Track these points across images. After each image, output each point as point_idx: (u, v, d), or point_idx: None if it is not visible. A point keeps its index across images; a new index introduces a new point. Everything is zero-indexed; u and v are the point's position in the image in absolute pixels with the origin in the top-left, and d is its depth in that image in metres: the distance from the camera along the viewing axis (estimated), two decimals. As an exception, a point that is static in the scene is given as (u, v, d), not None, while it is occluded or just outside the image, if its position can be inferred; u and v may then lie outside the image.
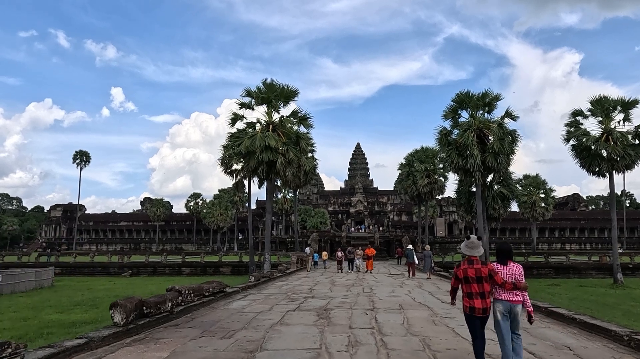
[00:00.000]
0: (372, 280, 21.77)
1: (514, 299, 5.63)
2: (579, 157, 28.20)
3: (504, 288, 5.65)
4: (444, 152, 26.49)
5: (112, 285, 27.95)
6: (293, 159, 25.20)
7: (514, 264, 5.84)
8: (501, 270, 5.78)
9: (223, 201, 78.84)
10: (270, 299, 13.25)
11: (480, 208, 26.81)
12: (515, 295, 5.65)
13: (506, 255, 5.89)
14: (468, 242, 6.03)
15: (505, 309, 5.63)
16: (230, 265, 35.48)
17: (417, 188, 45.07)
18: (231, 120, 25.76)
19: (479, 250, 5.94)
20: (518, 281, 5.67)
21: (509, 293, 5.64)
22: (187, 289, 9.49)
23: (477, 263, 5.77)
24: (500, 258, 5.91)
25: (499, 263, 5.86)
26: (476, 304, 5.65)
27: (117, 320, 7.26)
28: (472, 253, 5.90)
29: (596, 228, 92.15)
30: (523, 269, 5.91)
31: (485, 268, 5.70)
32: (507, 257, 5.88)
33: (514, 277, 5.71)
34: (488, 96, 25.89)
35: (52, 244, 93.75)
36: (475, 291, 5.66)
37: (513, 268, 5.79)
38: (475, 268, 5.71)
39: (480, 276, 5.67)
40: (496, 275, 5.67)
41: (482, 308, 5.64)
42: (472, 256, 5.87)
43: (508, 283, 5.64)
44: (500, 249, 6.01)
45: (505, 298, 5.64)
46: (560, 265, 33.97)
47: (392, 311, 10.90)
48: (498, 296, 5.70)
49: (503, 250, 5.94)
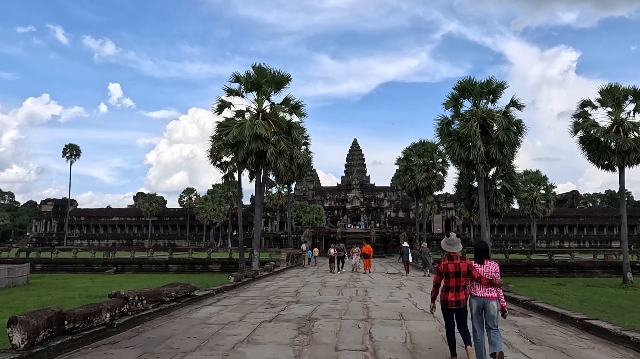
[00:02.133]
0: (368, 280, 19.77)
1: (489, 296, 5.89)
2: (587, 150, 26.78)
3: (480, 283, 5.92)
4: (445, 143, 24.89)
5: (91, 283, 26.37)
6: (285, 149, 23.57)
7: (490, 262, 6.10)
8: (478, 268, 6.02)
9: (216, 197, 77.11)
10: (246, 305, 11.23)
11: (483, 203, 25.30)
12: (490, 291, 5.91)
13: (483, 253, 6.14)
14: (448, 239, 6.33)
15: (479, 306, 5.92)
16: (220, 262, 33.90)
17: (415, 183, 43.49)
18: (218, 107, 24.03)
19: (458, 247, 6.22)
20: (494, 278, 5.93)
21: (484, 289, 5.91)
22: (137, 294, 7.67)
23: (456, 259, 6.06)
24: (477, 257, 6.14)
25: (477, 262, 6.10)
26: (449, 297, 5.98)
27: (17, 342, 5.35)
28: (452, 250, 6.18)
29: (595, 225, 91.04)
30: (499, 267, 6.16)
31: (464, 264, 6.00)
32: (484, 256, 6.12)
33: (490, 274, 5.96)
34: (492, 84, 24.33)
35: (42, 239, 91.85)
36: (453, 285, 5.97)
37: (489, 266, 6.04)
38: (455, 264, 6.00)
39: (459, 270, 5.96)
40: (473, 269, 5.97)
41: (455, 301, 5.95)
42: (451, 253, 6.15)
43: (484, 278, 5.91)
44: (478, 248, 6.28)
45: (480, 294, 5.91)
46: (564, 264, 32.57)
47: (391, 323, 8.95)
48: (473, 293, 5.98)
49: (480, 249, 6.22)
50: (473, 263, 6.10)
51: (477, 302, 5.93)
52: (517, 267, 32.41)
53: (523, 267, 32.43)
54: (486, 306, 5.87)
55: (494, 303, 5.87)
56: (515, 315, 9.78)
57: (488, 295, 5.88)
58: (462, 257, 6.23)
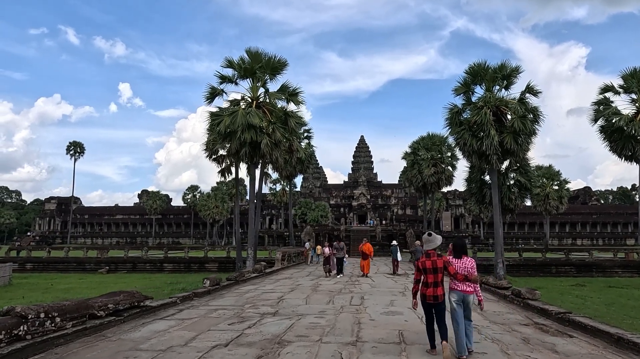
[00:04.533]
0: (367, 283, 17.29)
1: (467, 290, 6.23)
2: (609, 140, 24.90)
3: (457, 279, 6.22)
4: (455, 133, 22.98)
5: (78, 284, 24.87)
6: (280, 140, 21.84)
7: (467, 258, 6.47)
8: (456, 263, 6.35)
9: (219, 194, 75.62)
10: (209, 318, 8.97)
11: (497, 197, 23.42)
12: (468, 286, 6.24)
13: (460, 249, 6.52)
14: (424, 238, 6.60)
15: (459, 299, 6.22)
16: (217, 261, 32.26)
17: (422, 178, 41.53)
18: (209, 94, 22.27)
19: (435, 242, 6.43)
20: (470, 274, 6.25)
21: (463, 284, 6.22)
22: (45, 311, 5.59)
23: (433, 256, 6.29)
24: (455, 253, 6.50)
25: (454, 257, 6.45)
26: (427, 292, 6.18)
27: None
28: (429, 247, 6.42)
29: (609, 222, 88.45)
30: (475, 263, 6.50)
31: (440, 260, 6.24)
32: (462, 252, 6.50)
33: (467, 270, 6.32)
34: (506, 68, 22.39)
35: (45, 238, 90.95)
36: (431, 281, 6.19)
37: (466, 261, 6.41)
38: (432, 260, 6.24)
39: (436, 267, 6.21)
40: (450, 266, 6.25)
41: (432, 296, 6.15)
42: (429, 250, 6.38)
43: (460, 274, 6.21)
44: (456, 244, 6.62)
45: (460, 288, 6.23)
46: (582, 262, 30.54)
47: (386, 349, 6.59)
48: (454, 286, 6.27)
49: (458, 245, 6.58)
50: (450, 259, 6.42)
51: (458, 296, 6.24)
52: (532, 266, 30.48)
53: (538, 266, 30.48)
54: (465, 300, 6.24)
55: (472, 296, 6.29)
56: (550, 334, 7.69)
57: (467, 289, 6.25)
58: (439, 254, 6.39)
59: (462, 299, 6.20)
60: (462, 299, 6.20)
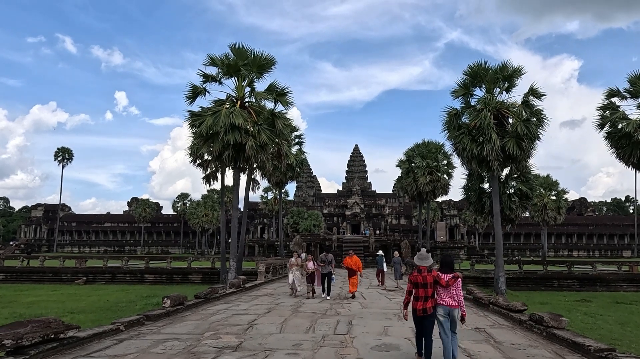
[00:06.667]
0: (358, 302, 14.95)
1: (453, 304, 6.68)
2: (615, 147, 23.52)
3: (449, 285, 6.69)
4: (453, 137, 21.59)
5: (48, 296, 23.09)
6: (267, 142, 20.30)
7: (452, 273, 6.86)
8: (443, 277, 6.79)
9: (209, 202, 73.77)
10: (148, 355, 7.08)
11: (498, 206, 21.98)
12: (453, 300, 6.68)
13: (448, 266, 7.05)
14: (419, 254, 7.15)
15: (445, 312, 6.67)
16: (201, 272, 30.53)
17: (417, 187, 40.02)
18: (190, 93, 20.68)
19: (428, 261, 6.98)
20: (450, 281, 6.72)
21: (450, 298, 6.68)
22: None
23: (424, 272, 6.76)
24: (442, 268, 6.99)
25: (443, 273, 6.87)
26: (418, 306, 6.64)
27: None
28: (422, 264, 6.92)
29: (605, 234, 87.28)
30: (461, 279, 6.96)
31: (430, 276, 6.72)
32: (449, 268, 7.01)
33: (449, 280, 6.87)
34: (508, 69, 21.09)
35: (31, 246, 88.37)
36: (422, 295, 6.64)
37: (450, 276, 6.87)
38: (423, 276, 6.70)
39: (426, 282, 6.67)
40: (441, 279, 6.72)
41: (422, 309, 6.60)
42: (421, 266, 6.87)
43: (443, 280, 6.70)
44: (443, 261, 7.17)
45: (446, 303, 6.68)
46: (585, 276, 29.08)
47: None
48: (440, 301, 6.70)
49: (446, 262, 7.15)
50: (441, 274, 6.79)
51: (444, 310, 6.64)
52: (533, 279, 28.99)
53: (539, 280, 29.00)
54: (451, 313, 6.65)
55: (457, 311, 6.68)
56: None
57: (452, 303, 6.65)
58: (429, 270, 6.78)
59: (447, 313, 6.63)
60: (448, 312, 6.63)
